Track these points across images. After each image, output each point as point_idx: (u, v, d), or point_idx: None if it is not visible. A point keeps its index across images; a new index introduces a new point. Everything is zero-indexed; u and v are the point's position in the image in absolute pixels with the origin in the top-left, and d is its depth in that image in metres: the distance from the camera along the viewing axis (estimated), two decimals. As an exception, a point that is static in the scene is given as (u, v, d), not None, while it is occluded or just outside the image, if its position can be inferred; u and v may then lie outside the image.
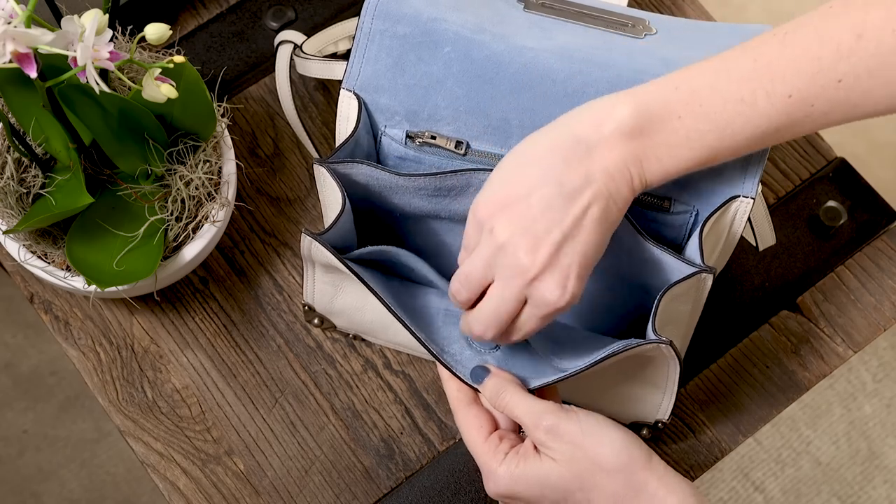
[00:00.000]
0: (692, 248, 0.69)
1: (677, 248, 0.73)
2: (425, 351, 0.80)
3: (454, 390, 0.71)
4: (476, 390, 0.70)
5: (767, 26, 0.74)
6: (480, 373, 0.70)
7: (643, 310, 0.75)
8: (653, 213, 0.71)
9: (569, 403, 0.79)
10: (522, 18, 0.74)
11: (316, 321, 0.82)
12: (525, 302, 0.65)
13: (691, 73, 0.64)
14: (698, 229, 0.68)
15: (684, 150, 0.63)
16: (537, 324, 0.66)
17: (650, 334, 0.66)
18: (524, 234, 0.63)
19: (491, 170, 0.69)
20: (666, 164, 0.64)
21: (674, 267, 0.68)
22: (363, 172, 0.71)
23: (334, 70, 0.79)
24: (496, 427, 0.70)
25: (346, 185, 0.72)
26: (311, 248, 0.70)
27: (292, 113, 0.85)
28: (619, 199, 0.64)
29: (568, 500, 0.65)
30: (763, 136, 0.63)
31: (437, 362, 0.70)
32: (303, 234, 0.69)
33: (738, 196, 0.69)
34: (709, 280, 0.68)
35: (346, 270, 0.69)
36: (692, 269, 0.67)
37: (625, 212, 0.65)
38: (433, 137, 0.72)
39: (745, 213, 0.70)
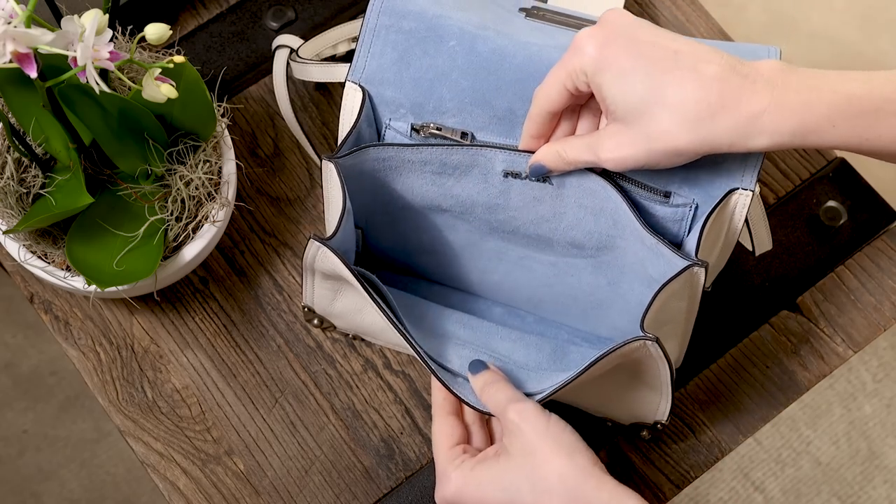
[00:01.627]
0: (691, 244, 0.69)
1: (677, 245, 0.73)
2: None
3: (440, 398, 0.72)
4: (465, 403, 0.70)
5: (770, 47, 0.74)
6: (478, 365, 0.70)
7: (644, 306, 0.75)
8: (653, 205, 0.71)
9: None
10: (525, 24, 0.75)
11: (315, 321, 0.82)
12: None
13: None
14: (700, 224, 0.69)
15: (827, 92, 0.63)
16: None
17: (638, 332, 0.66)
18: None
19: (499, 147, 0.70)
20: (802, 97, 0.63)
21: (669, 258, 0.68)
22: (370, 157, 0.71)
23: (334, 73, 0.80)
24: (466, 441, 0.70)
25: (352, 177, 0.72)
26: (318, 254, 0.70)
27: (291, 117, 0.85)
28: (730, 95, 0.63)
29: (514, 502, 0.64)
30: None
31: (432, 374, 0.70)
32: (310, 240, 0.69)
33: (738, 189, 0.69)
34: (701, 274, 0.68)
35: (352, 279, 0.69)
36: (685, 263, 0.67)
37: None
38: (438, 129, 0.72)
39: (744, 206, 0.70)
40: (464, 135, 0.72)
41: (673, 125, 0.63)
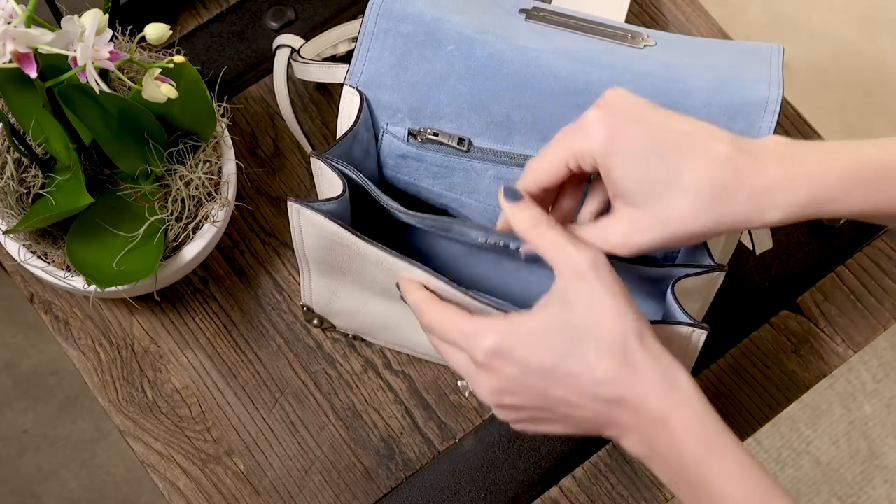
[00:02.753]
0: (698, 250, 0.69)
1: (674, 256, 0.73)
2: (425, 351, 0.81)
3: (421, 293, 0.66)
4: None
5: (772, 45, 0.73)
6: (515, 194, 0.65)
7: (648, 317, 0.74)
8: None
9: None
10: (524, 26, 0.75)
11: (315, 321, 0.82)
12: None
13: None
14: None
15: (839, 154, 0.62)
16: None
17: (678, 315, 0.65)
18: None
19: (478, 228, 0.68)
20: (814, 163, 0.62)
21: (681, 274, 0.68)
22: (354, 177, 0.70)
23: (335, 73, 0.79)
24: None
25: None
26: (301, 220, 0.68)
27: (291, 117, 0.85)
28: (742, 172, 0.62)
29: (571, 356, 0.59)
30: None
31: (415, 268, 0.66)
32: (289, 201, 0.66)
33: None
34: (720, 279, 0.68)
35: (339, 229, 0.67)
36: (705, 267, 0.67)
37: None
38: (435, 134, 0.72)
39: None
40: (461, 140, 0.72)
41: (690, 208, 0.62)
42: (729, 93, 0.70)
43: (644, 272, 0.70)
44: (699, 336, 0.66)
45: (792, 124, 0.92)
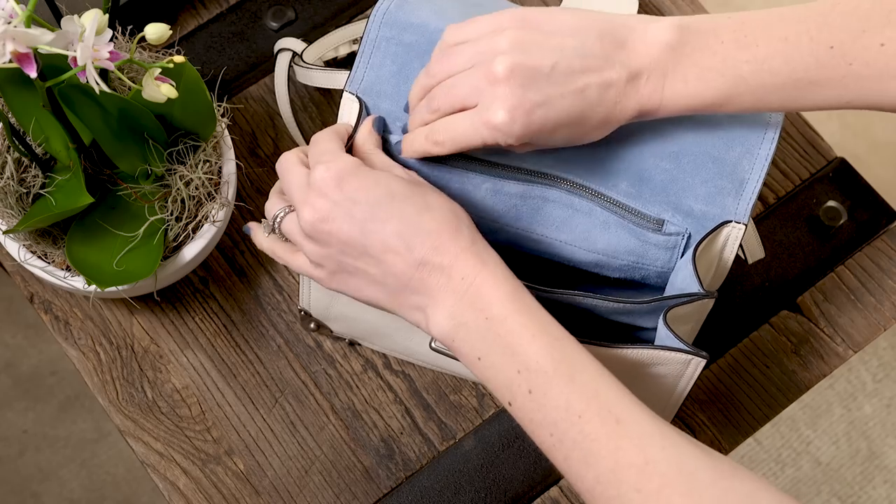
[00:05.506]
0: (685, 274, 0.68)
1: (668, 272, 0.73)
2: (422, 359, 0.81)
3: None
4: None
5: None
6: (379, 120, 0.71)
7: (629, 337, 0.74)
8: (646, 232, 0.71)
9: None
10: None
11: (312, 326, 0.82)
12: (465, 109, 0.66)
13: (746, 11, 0.65)
14: (690, 253, 0.68)
15: (714, 76, 0.64)
16: (464, 132, 0.66)
17: (673, 342, 0.65)
18: (523, 53, 0.64)
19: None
20: (690, 88, 0.64)
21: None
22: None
23: (336, 80, 0.79)
24: None
25: None
26: None
27: (292, 122, 0.85)
28: (622, 105, 0.65)
29: (408, 200, 0.63)
30: (795, 85, 0.64)
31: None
32: None
33: (730, 221, 0.69)
34: (710, 304, 0.68)
35: None
36: (693, 294, 0.66)
37: (611, 125, 0.66)
38: None
39: (736, 239, 0.70)
40: None
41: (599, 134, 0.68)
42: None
43: (635, 308, 0.69)
44: (697, 365, 0.66)
45: (791, 124, 0.92)
